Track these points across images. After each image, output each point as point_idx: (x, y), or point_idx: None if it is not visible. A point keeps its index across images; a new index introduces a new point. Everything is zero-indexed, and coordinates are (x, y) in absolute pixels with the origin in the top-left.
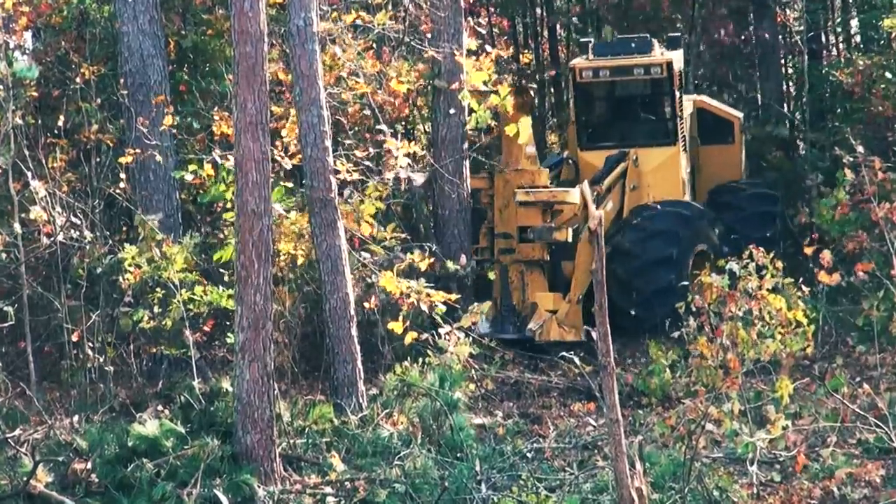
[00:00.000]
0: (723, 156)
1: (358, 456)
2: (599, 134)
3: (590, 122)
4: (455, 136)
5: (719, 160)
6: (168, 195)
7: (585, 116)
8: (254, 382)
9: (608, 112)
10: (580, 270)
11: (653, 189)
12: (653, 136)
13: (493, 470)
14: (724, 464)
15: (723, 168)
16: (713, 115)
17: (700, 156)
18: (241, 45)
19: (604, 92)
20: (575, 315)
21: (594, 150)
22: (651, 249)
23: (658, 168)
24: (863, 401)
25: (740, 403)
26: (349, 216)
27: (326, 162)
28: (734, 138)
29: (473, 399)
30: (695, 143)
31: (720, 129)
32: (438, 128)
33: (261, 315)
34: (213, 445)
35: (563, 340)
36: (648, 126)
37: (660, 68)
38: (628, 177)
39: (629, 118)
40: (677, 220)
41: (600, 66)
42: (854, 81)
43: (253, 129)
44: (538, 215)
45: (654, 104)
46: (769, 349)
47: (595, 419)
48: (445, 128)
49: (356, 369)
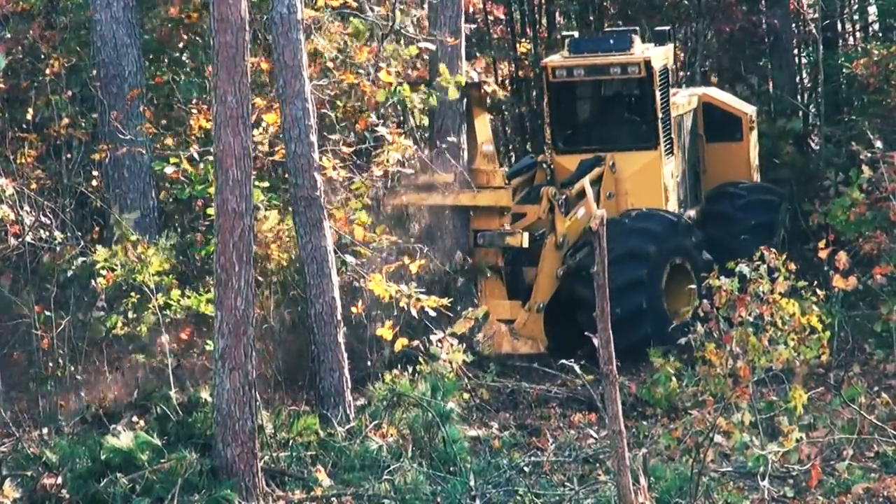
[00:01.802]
0: (730, 154)
1: (345, 470)
2: (575, 137)
3: (565, 125)
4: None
5: (727, 159)
6: (144, 193)
7: (560, 118)
8: (234, 392)
9: (584, 114)
10: (543, 277)
11: (632, 196)
12: (632, 139)
13: (489, 485)
14: (734, 478)
15: (730, 167)
16: (720, 111)
17: (706, 154)
18: (220, 34)
19: (579, 92)
20: (534, 324)
21: (570, 154)
22: (618, 273)
23: (637, 174)
24: (881, 411)
25: (751, 414)
26: (342, 219)
27: (311, 158)
28: (742, 135)
29: (467, 409)
30: (700, 140)
31: (727, 125)
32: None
33: (242, 320)
34: (192, 459)
35: (516, 353)
36: (627, 129)
37: (637, 67)
38: (604, 183)
39: (606, 120)
40: (646, 237)
41: (574, 64)
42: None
43: (234, 124)
44: (493, 219)
45: (633, 105)
46: (781, 356)
47: (597, 431)
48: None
49: (343, 378)
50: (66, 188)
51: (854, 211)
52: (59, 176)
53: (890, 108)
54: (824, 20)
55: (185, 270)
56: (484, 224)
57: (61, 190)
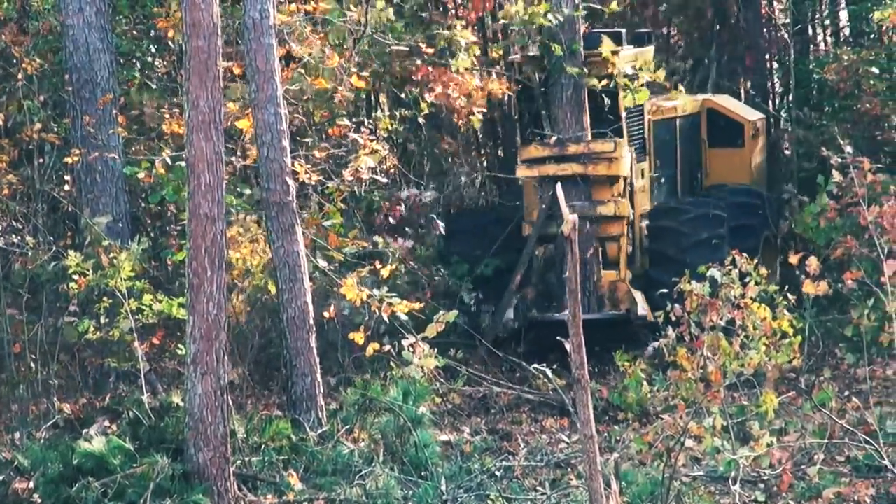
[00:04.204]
0: (731, 159)
1: (317, 475)
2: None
3: (531, 120)
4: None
5: (727, 164)
6: (116, 198)
7: (528, 113)
8: (206, 396)
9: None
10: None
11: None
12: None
13: (460, 489)
14: (705, 482)
15: (731, 172)
16: (723, 117)
17: (708, 158)
18: (192, 39)
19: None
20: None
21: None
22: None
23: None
24: (851, 416)
25: (722, 419)
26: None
27: (284, 163)
28: (744, 142)
29: (439, 414)
30: (703, 145)
31: (730, 131)
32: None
33: (214, 325)
34: (164, 463)
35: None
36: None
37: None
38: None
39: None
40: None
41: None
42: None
43: (206, 128)
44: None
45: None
46: (753, 361)
47: (568, 435)
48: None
49: (315, 382)
50: (38, 193)
51: (824, 217)
52: (31, 181)
53: (860, 114)
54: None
55: (158, 275)
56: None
57: (33, 195)
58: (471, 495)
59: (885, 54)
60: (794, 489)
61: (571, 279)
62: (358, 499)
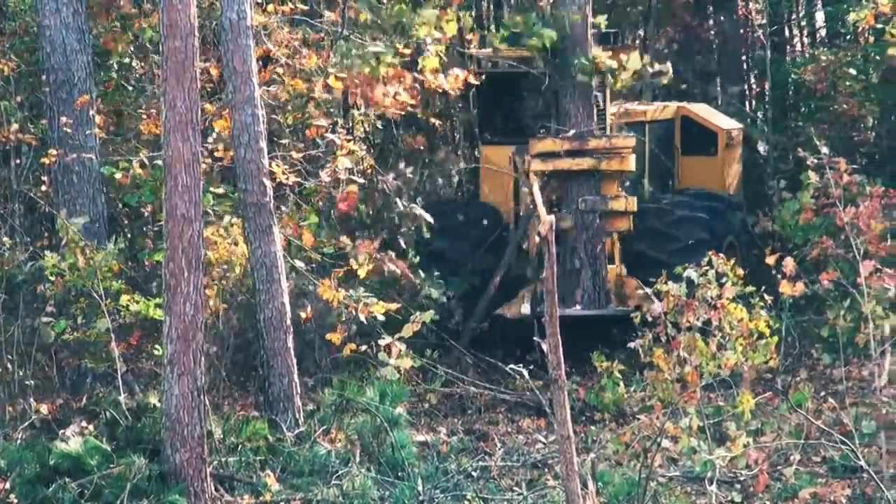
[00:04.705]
0: (704, 168)
1: (294, 475)
2: (501, 128)
3: (491, 116)
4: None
5: (699, 172)
6: (93, 199)
7: (487, 109)
8: (183, 397)
9: (510, 106)
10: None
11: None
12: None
13: (437, 490)
14: (682, 483)
15: (703, 180)
16: (696, 125)
17: (680, 166)
18: (169, 40)
19: (505, 84)
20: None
21: (496, 146)
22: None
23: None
24: (828, 416)
25: (698, 419)
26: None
27: (261, 164)
28: (717, 150)
29: (415, 415)
30: (675, 151)
31: (703, 139)
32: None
33: (191, 326)
34: (141, 464)
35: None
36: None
37: None
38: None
39: (531, 113)
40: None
41: (501, 56)
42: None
43: (183, 129)
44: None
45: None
46: (729, 362)
47: (545, 436)
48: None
49: (292, 383)
50: (15, 194)
51: (802, 216)
52: (8, 182)
53: (837, 114)
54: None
55: (135, 275)
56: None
57: (10, 195)
58: (447, 496)
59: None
60: (770, 490)
61: (548, 279)
62: (335, 499)
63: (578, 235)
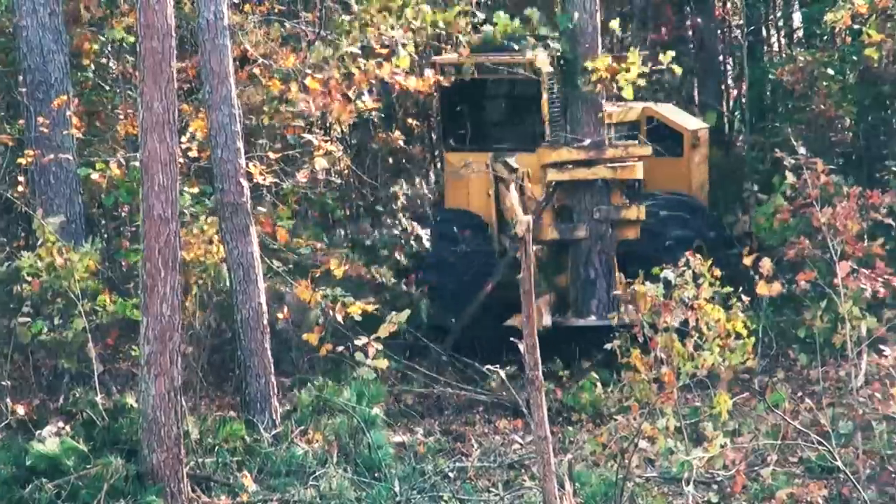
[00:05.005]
0: (670, 169)
1: (271, 476)
2: (465, 135)
3: (455, 122)
4: None
5: (665, 174)
6: (70, 199)
7: (450, 116)
8: (160, 398)
9: (473, 112)
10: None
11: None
12: (518, 140)
13: (413, 490)
14: (659, 484)
15: (669, 181)
16: (662, 125)
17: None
18: (146, 40)
19: (469, 91)
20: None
21: (459, 152)
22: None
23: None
24: (805, 417)
25: (676, 420)
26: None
27: (238, 164)
28: (683, 151)
29: (392, 415)
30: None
31: (668, 140)
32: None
33: (168, 326)
34: (117, 464)
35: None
36: (514, 129)
37: (523, 68)
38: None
39: (495, 120)
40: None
41: (464, 63)
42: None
43: (159, 130)
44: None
45: (521, 106)
46: (706, 362)
47: (522, 436)
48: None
49: (269, 383)
50: None
51: (778, 217)
52: None
53: (814, 115)
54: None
55: (112, 276)
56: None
57: None
58: (424, 496)
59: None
60: (747, 490)
61: (525, 280)
62: (311, 500)
63: (593, 245)
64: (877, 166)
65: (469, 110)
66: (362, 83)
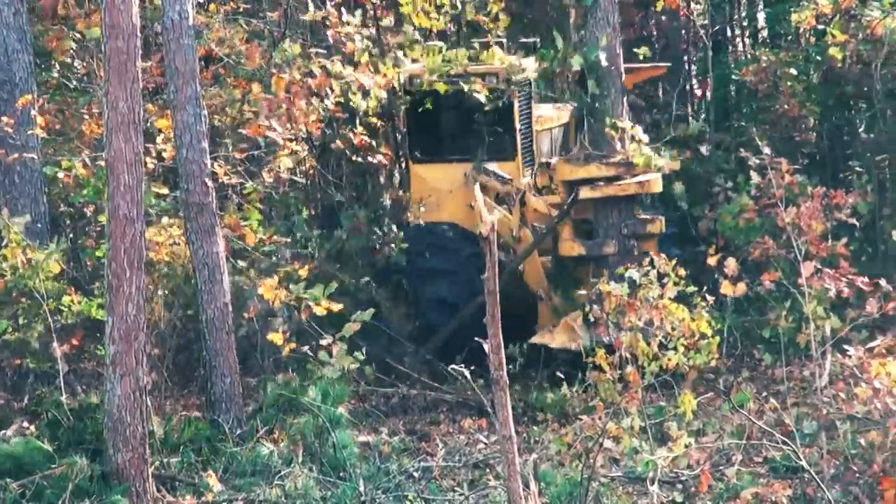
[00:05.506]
0: None
1: (236, 475)
2: (433, 147)
3: (422, 134)
4: None
5: None
6: (35, 199)
7: (418, 127)
8: (125, 398)
9: (442, 123)
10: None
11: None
12: (490, 150)
13: (378, 490)
14: (623, 483)
15: None
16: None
17: None
18: (111, 40)
19: (437, 101)
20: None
21: (428, 164)
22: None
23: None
24: (769, 416)
25: (640, 419)
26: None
27: (203, 164)
28: None
29: (357, 415)
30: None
31: None
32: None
33: (133, 326)
34: (82, 464)
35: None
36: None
37: (495, 77)
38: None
39: (466, 131)
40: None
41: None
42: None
43: (125, 129)
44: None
45: (492, 116)
46: (671, 362)
47: (487, 436)
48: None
49: (235, 383)
50: None
51: (743, 217)
52: None
53: (778, 115)
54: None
55: (77, 276)
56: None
57: None
58: (389, 496)
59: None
60: (712, 490)
61: (489, 279)
62: (277, 499)
63: (621, 261)
64: (840, 166)
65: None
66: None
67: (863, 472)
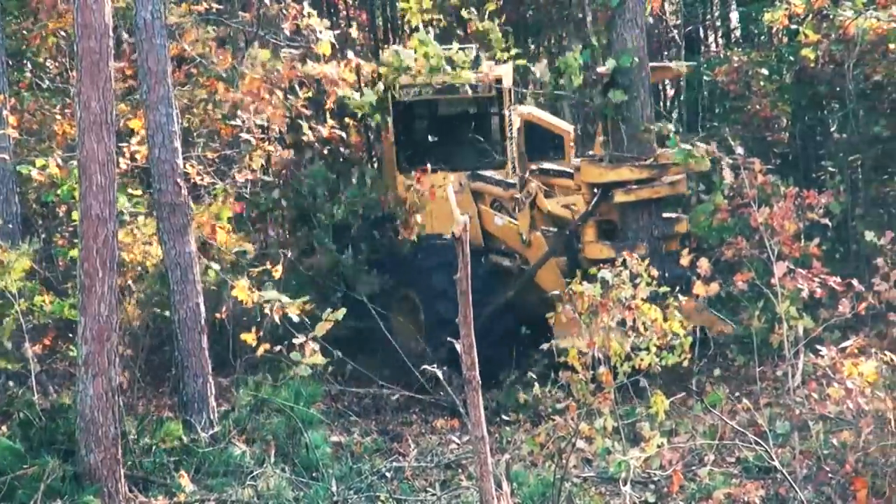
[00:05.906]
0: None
1: (208, 476)
2: (420, 156)
3: (410, 143)
4: None
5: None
6: (7, 199)
7: (406, 137)
8: (97, 398)
9: (431, 132)
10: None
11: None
12: (480, 159)
13: (350, 490)
14: (596, 483)
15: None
16: (542, 129)
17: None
18: (84, 40)
19: (426, 110)
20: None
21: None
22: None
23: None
24: (742, 417)
25: (613, 420)
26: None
27: (175, 164)
28: (565, 154)
29: (330, 415)
30: (523, 158)
31: (550, 143)
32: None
33: (105, 326)
34: (54, 465)
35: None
36: (475, 148)
37: (487, 86)
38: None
39: (454, 139)
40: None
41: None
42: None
43: (97, 129)
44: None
45: (482, 124)
46: (644, 362)
47: (459, 436)
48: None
49: (207, 384)
50: None
51: (716, 217)
52: None
53: (751, 115)
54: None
55: (49, 276)
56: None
57: None
58: (361, 496)
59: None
60: (684, 490)
61: (462, 280)
62: (249, 500)
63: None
64: (813, 166)
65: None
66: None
67: (835, 472)
